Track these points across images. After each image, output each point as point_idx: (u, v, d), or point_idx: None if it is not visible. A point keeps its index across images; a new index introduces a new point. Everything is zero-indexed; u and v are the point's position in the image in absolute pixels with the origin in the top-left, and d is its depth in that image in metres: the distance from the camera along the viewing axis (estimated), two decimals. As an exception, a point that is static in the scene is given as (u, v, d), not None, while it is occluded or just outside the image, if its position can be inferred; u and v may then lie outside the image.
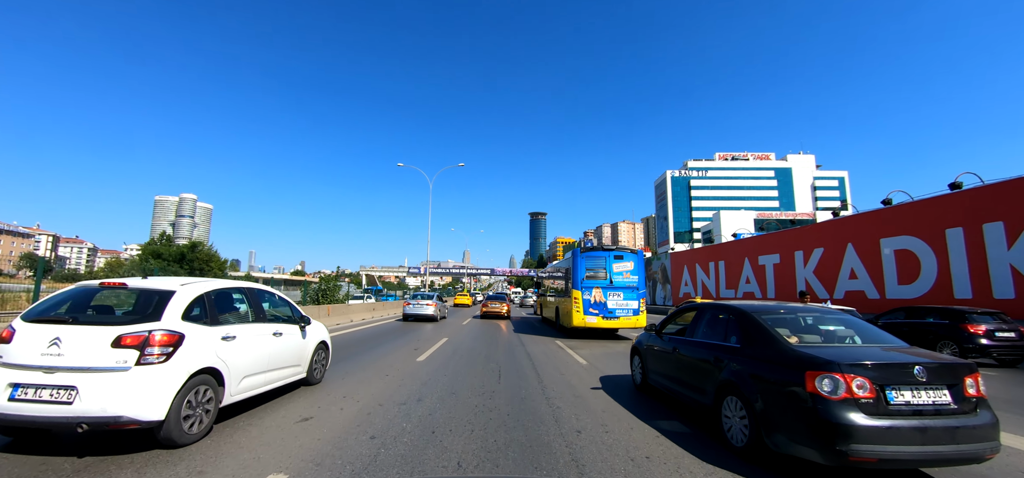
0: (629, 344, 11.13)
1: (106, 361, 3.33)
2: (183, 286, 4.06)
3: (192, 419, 3.71)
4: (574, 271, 12.62)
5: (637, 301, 12.40)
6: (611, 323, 12.31)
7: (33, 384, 3.25)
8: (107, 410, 3.21)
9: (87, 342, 3.37)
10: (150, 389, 3.38)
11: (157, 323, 3.60)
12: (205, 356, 3.89)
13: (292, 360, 5.45)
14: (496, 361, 8.30)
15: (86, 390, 3.22)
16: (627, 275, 12.52)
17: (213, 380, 3.98)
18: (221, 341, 4.15)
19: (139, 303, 3.89)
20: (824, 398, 3.02)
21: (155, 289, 3.94)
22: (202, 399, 3.83)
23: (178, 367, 3.59)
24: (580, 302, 12.20)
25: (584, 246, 13.09)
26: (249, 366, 4.52)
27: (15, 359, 3.34)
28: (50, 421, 3.20)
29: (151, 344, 3.47)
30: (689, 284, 34.39)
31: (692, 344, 4.78)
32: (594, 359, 8.92)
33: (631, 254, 12.79)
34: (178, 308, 3.82)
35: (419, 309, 18.82)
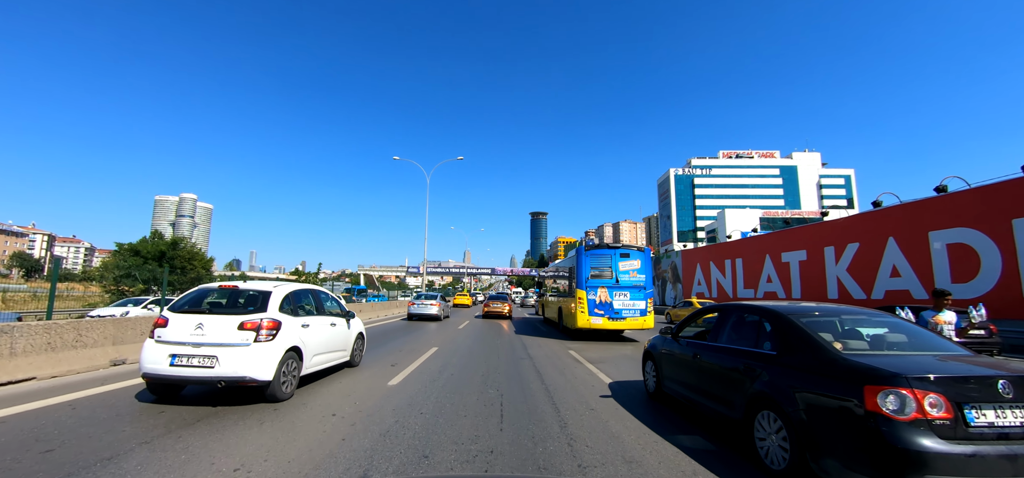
0: (637, 346, 11.24)
1: (235, 339, 4.84)
2: (276, 287, 5.59)
3: (285, 382, 5.20)
4: (578, 270, 12.29)
5: (644, 301, 12.05)
6: (617, 324, 11.95)
7: (186, 354, 4.76)
8: (238, 372, 4.72)
9: (221, 326, 4.89)
10: (264, 358, 4.88)
11: (265, 313, 5.11)
12: (293, 337, 5.40)
13: (341, 345, 6.99)
14: (497, 385, 6.33)
15: (223, 359, 4.73)
16: (634, 274, 12.17)
17: (296, 355, 5.48)
18: (301, 327, 5.66)
19: (249, 299, 5.39)
20: (889, 418, 2.60)
21: (258, 290, 5.47)
22: (292, 368, 5.34)
23: (279, 344, 5.09)
24: (584, 302, 11.86)
25: (588, 244, 12.73)
26: (316, 347, 6.04)
27: (171, 338, 4.85)
28: (199, 379, 4.71)
29: (263, 328, 4.98)
30: (702, 283, 32.35)
31: (716, 350, 4.36)
32: (602, 363, 8.50)
33: (638, 252, 12.43)
34: (276, 302, 5.33)
35: (423, 309, 19.50)
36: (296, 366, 5.45)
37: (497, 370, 7.54)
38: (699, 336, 4.97)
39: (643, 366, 6.11)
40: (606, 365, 8.32)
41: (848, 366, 2.96)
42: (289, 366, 5.29)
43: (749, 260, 27.19)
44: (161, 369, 4.71)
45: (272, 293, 5.42)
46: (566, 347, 10.84)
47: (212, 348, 4.77)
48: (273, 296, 5.38)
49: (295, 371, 5.42)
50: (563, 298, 14.82)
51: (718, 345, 4.40)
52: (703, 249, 35.90)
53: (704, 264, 32.69)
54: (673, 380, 5.13)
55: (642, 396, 5.84)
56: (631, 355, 9.65)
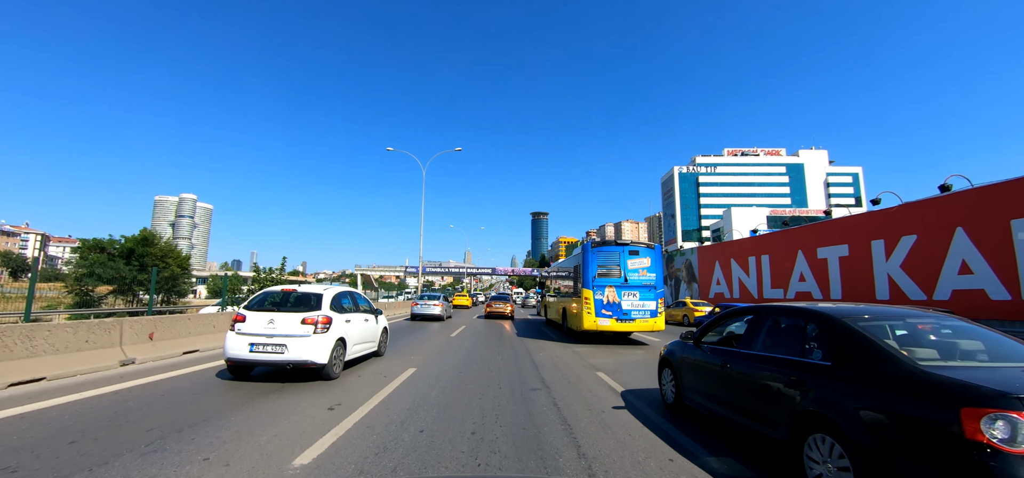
0: (649, 349, 11.04)
1: (299, 331, 6.27)
2: (325, 290, 7.03)
3: (335, 364, 6.64)
4: (584, 268, 11.92)
5: (655, 301, 11.72)
6: (626, 326, 11.57)
7: (261, 343, 6.18)
8: (302, 357, 6.15)
9: (288, 321, 6.32)
10: (321, 346, 6.31)
11: (319, 311, 6.54)
12: (340, 330, 6.83)
13: (372, 338, 8.45)
14: (496, 396, 5.72)
15: (291, 346, 6.16)
16: (643, 273, 11.83)
17: (342, 344, 6.91)
18: (344, 322, 7.08)
19: (306, 299, 6.81)
20: (998, 450, 2.15)
21: (313, 292, 6.93)
22: (339, 354, 6.77)
23: (331, 335, 6.52)
24: (591, 303, 11.48)
25: (595, 241, 12.25)
26: (355, 339, 7.48)
27: (249, 331, 6.28)
28: (273, 362, 6.15)
29: (319, 322, 6.41)
30: (722, 283, 29.87)
31: (751, 359, 3.90)
32: (613, 370, 8.04)
33: (648, 249, 12.11)
34: (327, 302, 6.76)
35: (426, 309, 20.18)
36: (342, 352, 6.88)
37: (498, 375, 7.19)
38: (725, 341, 4.55)
39: (659, 374, 5.67)
40: (617, 372, 7.86)
41: (935, 382, 2.50)
42: (338, 352, 6.72)
43: (778, 257, 24.46)
44: (242, 355, 6.15)
45: (323, 295, 6.86)
46: (572, 350, 10.50)
47: (282, 338, 6.20)
48: (325, 297, 6.81)
49: (342, 356, 6.86)
50: (567, 298, 14.47)
51: (753, 353, 3.92)
52: (724, 245, 32.28)
53: (724, 262, 30.01)
54: (696, 391, 4.67)
55: (660, 408, 5.36)
56: (643, 360, 9.30)
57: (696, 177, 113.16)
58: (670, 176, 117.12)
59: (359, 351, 7.77)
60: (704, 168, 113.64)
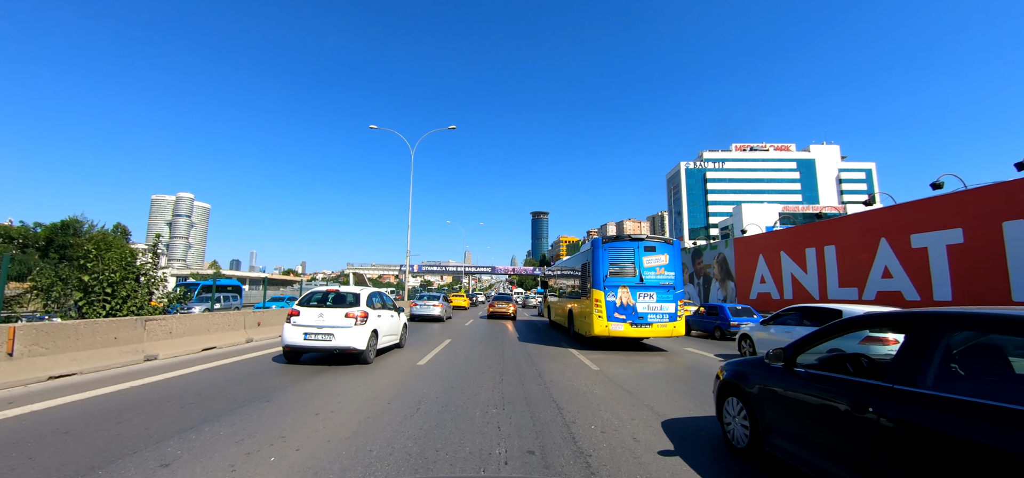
0: (669, 357, 10.27)
1: (344, 323, 7.84)
2: (362, 291, 8.62)
3: (371, 351, 8.21)
4: (594, 266, 11.27)
5: (673, 303, 11.05)
6: (642, 332, 10.86)
7: (314, 332, 7.76)
8: (346, 344, 7.74)
9: (334, 315, 7.89)
10: (361, 336, 7.89)
11: (358, 307, 8.12)
12: (374, 323, 8.41)
13: (395, 331, 10.04)
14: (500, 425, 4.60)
15: (337, 335, 7.74)
16: (661, 271, 11.18)
17: (375, 335, 8.48)
18: (376, 317, 8.66)
19: (347, 298, 8.38)
20: None
21: (353, 292, 8.51)
22: (374, 343, 8.35)
23: (368, 327, 8.10)
24: (602, 305, 10.84)
25: (607, 236, 11.41)
26: (385, 331, 9.07)
27: (302, 322, 7.86)
28: (323, 349, 7.73)
29: (359, 317, 7.98)
30: (768, 280, 24.43)
31: (943, 407, 2.28)
32: (635, 384, 6.99)
33: (665, 245, 11.46)
34: (364, 300, 8.35)
35: (426, 310, 20.18)
36: (375, 341, 8.46)
37: (500, 404, 5.47)
38: (849, 368, 3.16)
39: (719, 403, 4.41)
40: (640, 387, 6.78)
41: None
42: (372, 341, 8.30)
43: (849, 246, 19.61)
44: (298, 342, 7.74)
45: (361, 294, 8.45)
46: (583, 359, 9.58)
47: (330, 329, 7.78)
48: (362, 296, 8.40)
49: (375, 344, 8.43)
50: (574, 299, 13.86)
51: (943, 397, 2.31)
52: (770, 236, 26.08)
53: (771, 255, 24.29)
54: (794, 439, 3.36)
55: (724, 455, 4.01)
56: (665, 371, 8.38)
57: (703, 173, 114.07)
58: (677, 172, 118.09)
59: (387, 342, 9.34)
60: (712, 164, 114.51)
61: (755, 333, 10.38)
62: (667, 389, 6.79)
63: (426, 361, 8.62)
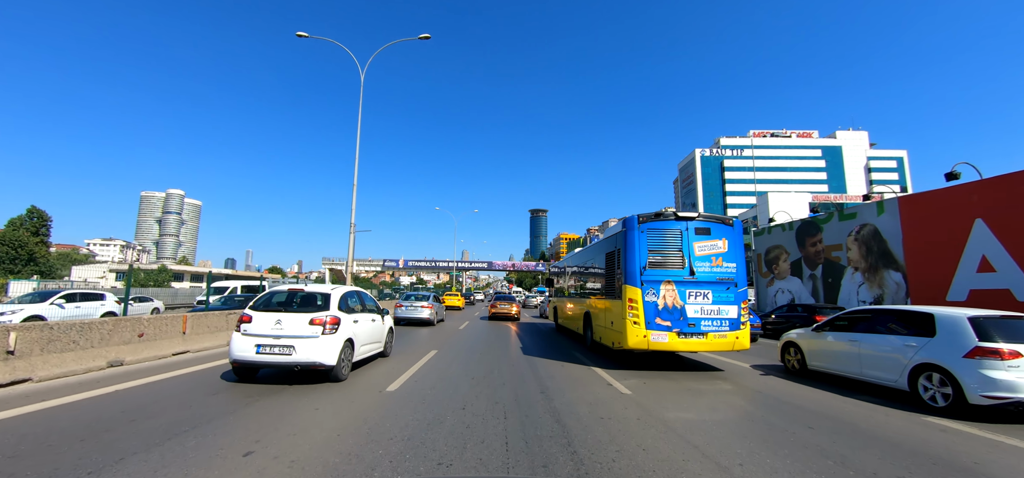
0: (735, 384, 7.62)
1: (307, 332, 6.54)
2: (333, 289, 7.30)
3: (343, 366, 6.93)
4: (627, 255, 8.88)
5: (735, 306, 8.73)
6: (692, 345, 8.50)
7: (269, 344, 6.47)
8: (310, 358, 6.43)
9: (296, 321, 6.59)
10: (329, 348, 6.59)
11: (328, 312, 6.82)
12: (348, 330, 7.11)
13: (378, 338, 8.74)
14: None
15: (299, 348, 6.44)
16: (718, 262, 8.83)
17: (350, 345, 7.19)
18: (352, 322, 7.37)
19: (313, 299, 7.08)
20: None
21: (320, 292, 7.20)
22: (347, 355, 7.06)
23: (339, 336, 6.80)
24: (639, 308, 8.47)
25: (644, 214, 9.07)
26: (363, 339, 7.78)
27: (255, 331, 6.57)
28: (281, 364, 6.43)
29: (328, 323, 6.68)
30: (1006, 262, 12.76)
31: None
32: (706, 438, 4.71)
33: (723, 227, 9.09)
34: (335, 302, 7.04)
35: (412, 312, 18.08)
36: (350, 353, 7.17)
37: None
38: None
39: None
40: (714, 444, 4.53)
41: None
42: (346, 353, 7.01)
43: None
44: (248, 356, 6.45)
45: (332, 294, 7.14)
46: (614, 384, 7.30)
47: (289, 340, 6.48)
48: (333, 297, 7.09)
49: (350, 357, 7.14)
50: (594, 300, 11.55)
51: None
52: (981, 185, 14.04)
53: (996, 217, 13.29)
54: None
55: None
56: (746, 414, 5.84)
57: (720, 161, 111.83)
58: (690, 160, 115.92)
59: (367, 352, 8.05)
60: (729, 151, 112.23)
61: (805, 341, 8.90)
62: (753, 448, 4.44)
63: (398, 385, 6.90)
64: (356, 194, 19.97)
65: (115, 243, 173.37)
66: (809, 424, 5.43)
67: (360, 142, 19.48)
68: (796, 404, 6.44)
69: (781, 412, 5.98)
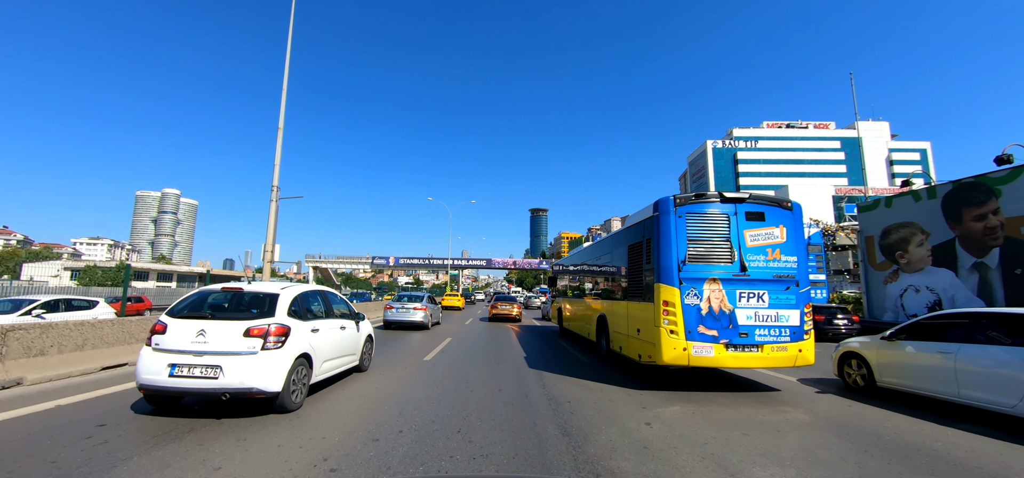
0: (808, 412, 6.13)
1: (241, 347, 4.89)
2: (284, 289, 5.66)
3: (295, 391, 5.29)
4: (660, 246, 7.36)
5: (797, 310, 7.22)
6: (746, 360, 7.03)
7: (187, 364, 4.83)
8: (244, 383, 4.78)
9: (225, 332, 4.94)
10: (272, 368, 4.93)
11: (273, 318, 5.17)
12: (302, 343, 5.46)
13: (351, 349, 7.12)
14: None
15: (228, 369, 4.78)
16: (775, 255, 7.34)
17: (306, 362, 5.56)
18: (310, 332, 5.72)
19: (255, 302, 5.48)
20: None
21: (265, 292, 5.58)
22: (301, 376, 5.41)
23: (288, 351, 5.15)
24: (677, 313, 6.99)
25: (681, 196, 7.49)
26: (326, 353, 6.13)
27: (170, 346, 4.92)
28: (203, 391, 4.77)
29: (271, 334, 5.03)
30: None
31: None
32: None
33: (780, 210, 7.58)
34: (284, 306, 5.40)
35: (404, 315, 16.63)
36: (306, 374, 5.51)
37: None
38: None
39: None
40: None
41: None
42: (299, 374, 5.35)
43: None
44: (159, 380, 4.80)
45: (280, 295, 5.49)
46: (655, 412, 5.78)
47: (215, 357, 4.83)
48: (281, 299, 5.43)
49: (305, 379, 5.48)
50: (612, 302, 10.00)
51: None
52: None
53: None
54: None
55: None
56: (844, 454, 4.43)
57: (734, 153, 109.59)
58: (701, 153, 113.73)
59: (333, 368, 6.42)
60: (743, 142, 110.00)
61: (872, 351, 7.31)
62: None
63: (388, 406, 5.51)
64: (281, 143, 14.61)
65: (103, 242, 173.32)
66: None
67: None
68: (908, 444, 4.77)
69: (903, 458, 4.30)
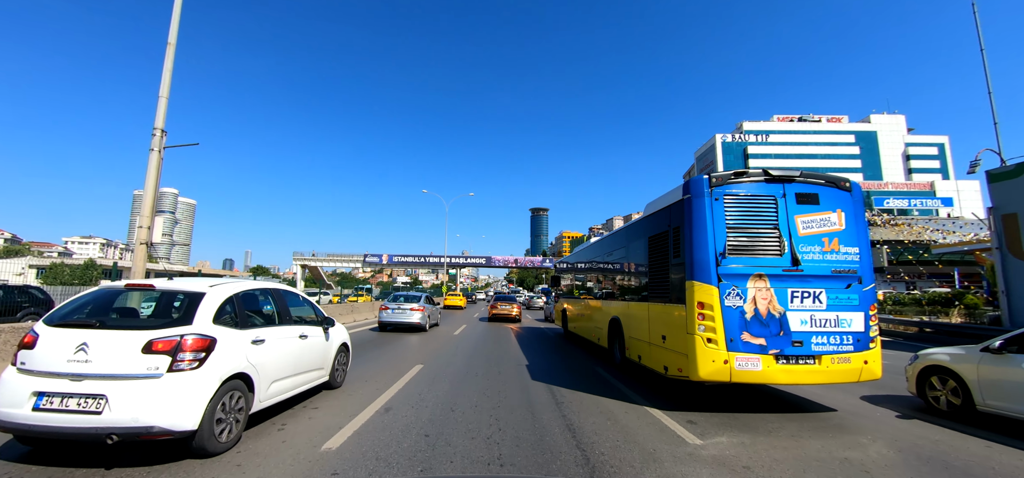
0: (894, 447, 4.87)
1: (137, 368, 3.48)
2: (213, 287, 4.26)
3: (224, 426, 3.89)
4: (692, 234, 6.08)
5: (862, 313, 5.97)
6: (801, 375, 5.79)
7: (59, 392, 3.43)
8: (139, 420, 3.37)
9: (116, 348, 3.53)
10: (183, 397, 3.52)
11: (189, 327, 3.76)
12: (236, 361, 4.05)
13: (316, 363, 5.72)
14: None
15: (116, 399, 3.38)
16: (833, 246, 6.07)
17: (244, 386, 4.16)
18: (251, 345, 4.31)
19: (169, 306, 4.12)
20: None
21: (184, 290, 4.17)
22: (234, 405, 4.00)
23: (211, 373, 3.73)
24: (716, 317, 5.73)
25: (718, 175, 6.24)
26: (277, 370, 4.71)
27: (40, 366, 3.53)
28: (78, 432, 3.37)
29: (183, 349, 3.62)
30: None
31: None
32: None
33: (837, 192, 6.30)
34: (209, 311, 3.99)
35: (400, 316, 15.77)
36: (241, 401, 4.10)
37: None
38: None
39: None
40: None
41: None
42: (230, 402, 3.95)
43: None
44: (17, 416, 3.39)
45: (205, 295, 4.08)
46: (706, 454, 4.48)
47: (99, 382, 3.43)
48: (206, 300, 4.03)
49: (239, 408, 4.07)
50: (628, 303, 8.70)
51: None
52: None
53: None
54: None
55: None
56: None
57: (743, 147, 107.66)
58: (710, 147, 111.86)
59: (289, 390, 5.00)
60: (754, 136, 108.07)
61: (970, 367, 5.87)
62: None
63: (336, 446, 4.11)
64: (172, 68, 9.51)
65: (95, 241, 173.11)
66: None
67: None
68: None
69: None
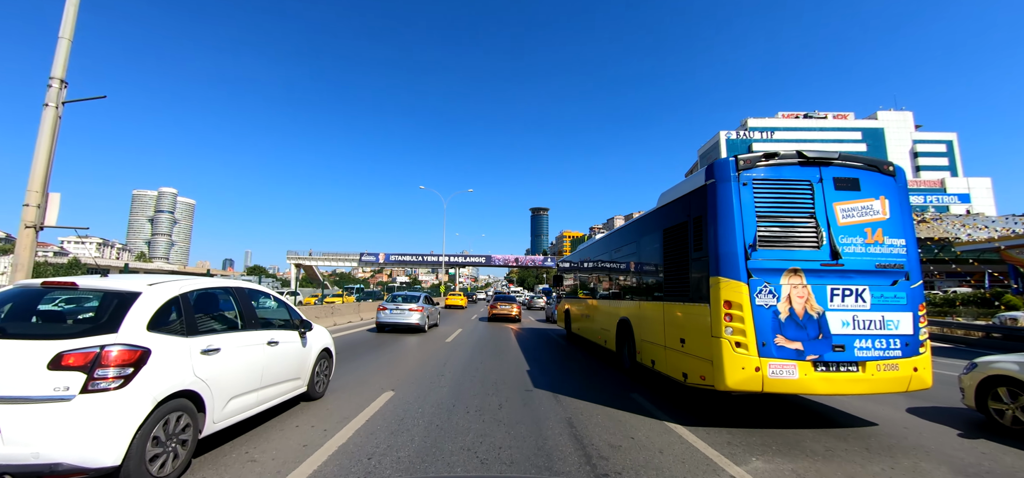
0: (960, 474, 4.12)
1: (41, 388, 2.78)
2: (152, 286, 3.54)
3: (162, 458, 3.18)
4: (717, 224, 5.40)
5: (910, 313, 5.32)
6: (843, 383, 5.11)
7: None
8: (40, 455, 2.68)
9: (15, 362, 2.83)
10: (101, 424, 2.82)
11: (112, 335, 3.05)
12: (180, 376, 3.35)
13: (291, 373, 5.03)
14: None
15: (11, 428, 2.69)
16: (876, 237, 5.41)
17: (191, 405, 3.45)
18: (201, 355, 3.60)
19: (91, 309, 3.42)
20: None
21: (114, 290, 3.43)
22: (176, 430, 3.30)
23: (141, 392, 3.03)
24: (746, 318, 5.08)
25: (748, 157, 5.55)
26: (237, 384, 4.01)
27: (-80, 385, 2.82)
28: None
29: (103, 363, 2.92)
30: None
31: None
32: None
33: (880, 176, 5.63)
34: (143, 314, 3.28)
35: (398, 316, 15.48)
36: (186, 424, 3.39)
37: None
38: None
39: None
40: None
41: None
42: (172, 427, 3.24)
43: None
44: None
45: (140, 295, 3.36)
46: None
47: (-14, 408, 2.72)
48: (140, 302, 3.31)
49: (183, 433, 3.36)
50: (640, 302, 8.01)
51: None
52: None
53: None
54: None
55: None
56: None
57: (748, 144, 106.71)
58: (714, 144, 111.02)
59: (253, 406, 4.29)
60: (759, 133, 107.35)
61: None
62: None
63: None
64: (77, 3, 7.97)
65: (91, 241, 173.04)
66: None
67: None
68: None
69: None
